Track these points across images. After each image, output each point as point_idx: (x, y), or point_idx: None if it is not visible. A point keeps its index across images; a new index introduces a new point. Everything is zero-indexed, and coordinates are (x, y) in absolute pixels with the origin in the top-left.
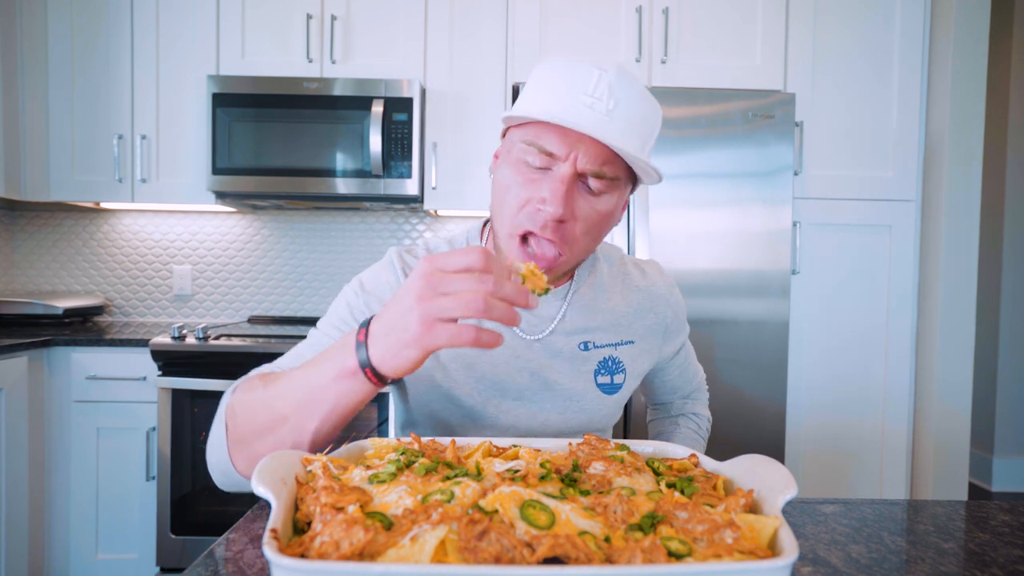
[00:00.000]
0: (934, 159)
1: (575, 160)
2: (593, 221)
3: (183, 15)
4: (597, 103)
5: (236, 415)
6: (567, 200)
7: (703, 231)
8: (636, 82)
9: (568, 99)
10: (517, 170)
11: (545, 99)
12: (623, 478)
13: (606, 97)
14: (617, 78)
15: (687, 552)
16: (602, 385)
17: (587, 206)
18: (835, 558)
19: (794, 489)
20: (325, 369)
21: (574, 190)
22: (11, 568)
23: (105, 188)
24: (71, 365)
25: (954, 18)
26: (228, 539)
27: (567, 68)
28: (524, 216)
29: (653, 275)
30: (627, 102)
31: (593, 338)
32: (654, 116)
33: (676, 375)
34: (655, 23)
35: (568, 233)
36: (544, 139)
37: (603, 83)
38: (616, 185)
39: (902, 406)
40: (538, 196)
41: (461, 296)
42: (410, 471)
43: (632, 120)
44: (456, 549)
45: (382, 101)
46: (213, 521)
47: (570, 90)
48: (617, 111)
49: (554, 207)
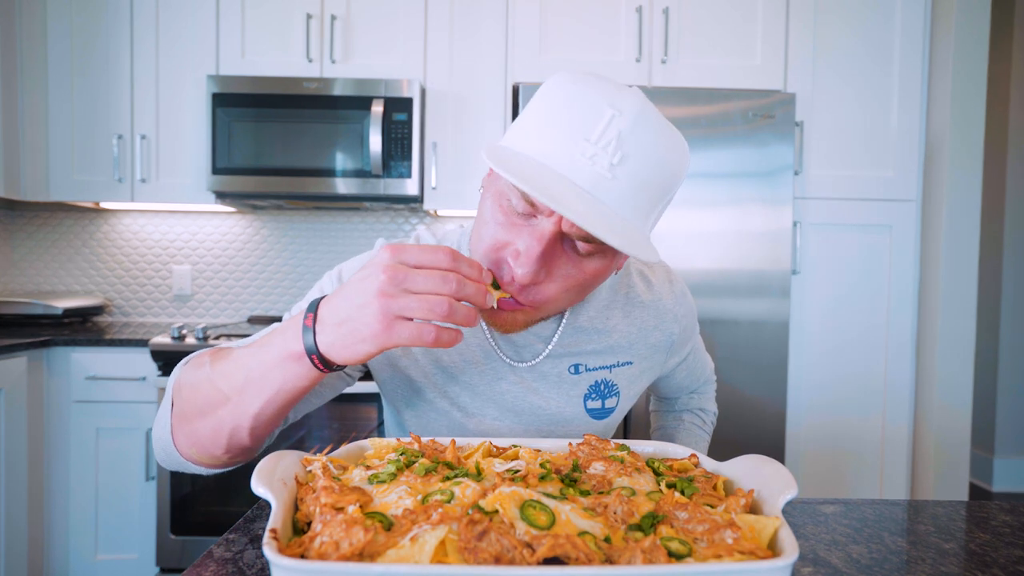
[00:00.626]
0: (935, 159)
1: (560, 220)
2: (575, 281)
3: (183, 15)
4: (600, 155)
5: (181, 391)
6: (541, 263)
7: (703, 231)
8: (659, 127)
9: (565, 145)
10: (498, 206)
11: (538, 140)
12: (623, 478)
13: (612, 149)
14: (633, 124)
15: (687, 552)
16: (592, 410)
17: (570, 267)
18: (835, 558)
19: (794, 489)
20: (271, 351)
21: (554, 250)
22: (11, 568)
23: (105, 188)
24: (71, 365)
25: (955, 18)
26: (228, 539)
27: (576, 99)
28: (495, 262)
29: (660, 286)
30: (638, 156)
31: (586, 361)
32: (671, 175)
33: (683, 376)
34: (655, 23)
35: (539, 295)
36: None
37: (612, 129)
38: (607, 249)
39: (903, 406)
40: (512, 247)
41: (425, 299)
42: (410, 471)
43: (640, 181)
44: (456, 549)
45: (382, 101)
46: (213, 521)
47: (572, 132)
48: (622, 168)
49: (523, 269)
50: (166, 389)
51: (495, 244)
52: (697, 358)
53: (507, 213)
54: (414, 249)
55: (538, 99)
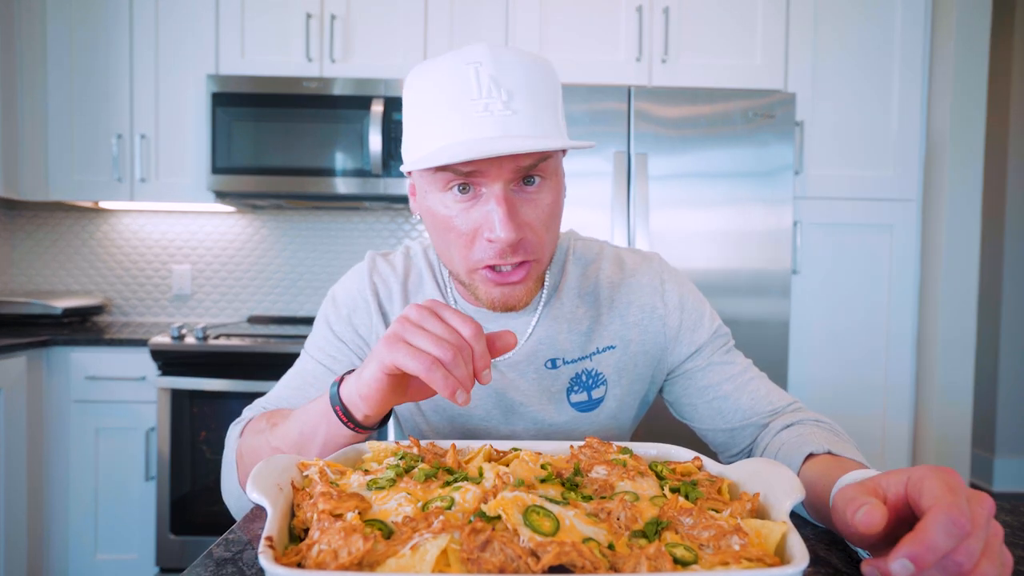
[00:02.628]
0: (935, 158)
1: (503, 172)
2: (548, 215)
3: (182, 14)
4: (491, 103)
5: (244, 458)
6: (513, 219)
7: (703, 231)
8: (517, 57)
9: (460, 114)
10: (446, 205)
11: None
12: (626, 482)
13: (494, 89)
14: (496, 64)
15: (693, 559)
16: (577, 404)
17: (536, 206)
18: (836, 558)
19: (801, 492)
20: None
21: (514, 203)
22: (10, 568)
23: (104, 188)
24: (70, 365)
25: (955, 17)
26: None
27: (442, 76)
28: (479, 252)
29: (634, 266)
30: (520, 85)
31: (562, 354)
32: (551, 78)
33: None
34: (655, 23)
35: (530, 245)
36: (460, 167)
37: (484, 78)
38: (551, 168)
39: (903, 406)
40: (482, 228)
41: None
42: (409, 477)
43: (534, 99)
44: (459, 560)
45: (382, 100)
46: (212, 521)
47: (457, 101)
48: (516, 101)
49: (505, 233)
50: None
51: (468, 236)
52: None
53: (458, 204)
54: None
55: (408, 105)
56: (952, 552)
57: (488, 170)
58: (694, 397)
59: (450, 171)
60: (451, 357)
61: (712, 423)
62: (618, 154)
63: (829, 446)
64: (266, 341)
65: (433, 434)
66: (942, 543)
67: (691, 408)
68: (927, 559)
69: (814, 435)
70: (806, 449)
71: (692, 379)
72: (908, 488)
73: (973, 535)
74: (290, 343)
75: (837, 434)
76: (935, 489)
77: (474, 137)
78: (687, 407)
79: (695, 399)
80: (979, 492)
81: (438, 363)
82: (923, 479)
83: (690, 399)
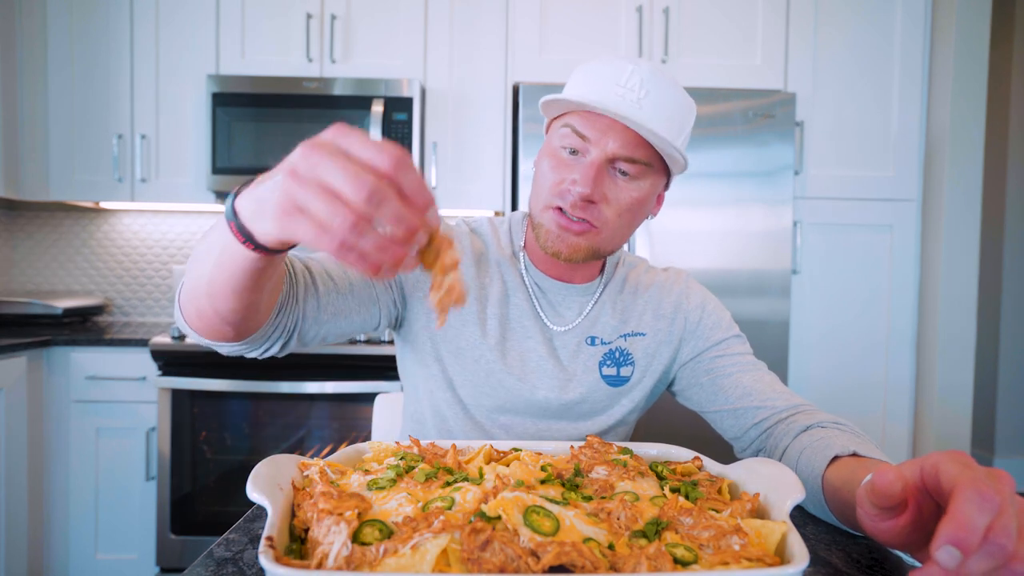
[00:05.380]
0: (935, 159)
1: (606, 144)
2: (624, 205)
3: (183, 15)
4: (628, 93)
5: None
6: (596, 181)
7: (703, 231)
8: (670, 79)
9: (602, 89)
10: (553, 156)
11: (581, 89)
12: (626, 483)
13: (637, 88)
14: (651, 72)
15: (693, 559)
16: (607, 377)
17: (618, 190)
18: (836, 558)
19: (801, 492)
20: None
21: (604, 173)
22: (11, 568)
23: (105, 188)
24: (70, 365)
25: (955, 17)
26: (228, 539)
27: (604, 63)
28: (555, 195)
29: (667, 275)
30: (658, 93)
31: (601, 334)
32: (686, 107)
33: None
34: (655, 23)
35: (598, 213)
36: (577, 123)
37: (636, 76)
38: (647, 172)
39: (903, 406)
40: (569, 177)
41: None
42: (410, 477)
43: (662, 108)
44: (459, 560)
45: (382, 101)
46: (213, 521)
47: (604, 82)
48: (647, 100)
49: (583, 186)
50: None
51: (555, 184)
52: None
53: (561, 158)
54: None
55: (577, 71)
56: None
57: (596, 139)
58: (701, 376)
59: (570, 127)
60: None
61: (717, 402)
62: None
63: (854, 447)
64: None
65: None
66: (978, 520)
67: (697, 388)
68: (969, 540)
69: (837, 437)
70: (830, 452)
71: (701, 364)
72: (924, 474)
73: (1005, 511)
74: None
75: (857, 435)
76: (951, 469)
77: (601, 103)
78: (693, 388)
79: (702, 378)
80: (994, 468)
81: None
82: (937, 463)
83: (697, 379)
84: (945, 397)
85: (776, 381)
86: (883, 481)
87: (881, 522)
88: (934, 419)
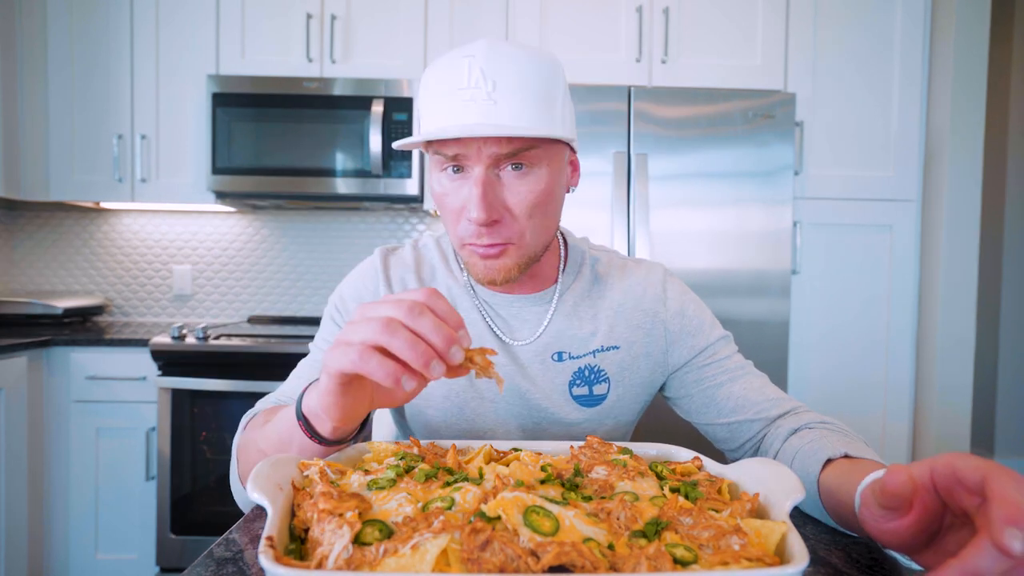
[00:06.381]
0: (935, 159)
1: (480, 155)
2: (529, 203)
3: (183, 15)
4: (475, 93)
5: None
6: (486, 201)
7: (703, 231)
8: (512, 49)
9: (449, 102)
10: (441, 184)
11: (431, 112)
12: (626, 482)
13: (482, 82)
14: (487, 56)
15: (693, 559)
16: (578, 397)
17: (517, 192)
18: (836, 558)
19: (801, 492)
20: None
21: (493, 184)
22: (11, 568)
23: (105, 188)
24: (70, 365)
25: (955, 17)
26: (228, 539)
27: (441, 69)
28: (462, 229)
29: (640, 274)
30: (507, 76)
31: (568, 348)
32: (547, 73)
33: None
34: (655, 23)
35: (508, 228)
36: (446, 148)
37: (475, 70)
38: (535, 157)
39: (902, 406)
40: (464, 205)
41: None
42: (410, 477)
43: (520, 90)
44: (459, 559)
45: (382, 101)
46: (213, 521)
47: (448, 91)
48: (498, 91)
49: (476, 213)
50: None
51: (455, 214)
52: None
53: (449, 182)
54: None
55: (421, 90)
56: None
57: (470, 154)
58: (691, 387)
59: (440, 155)
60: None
61: (709, 415)
62: (618, 154)
63: (845, 449)
64: (266, 341)
65: (441, 423)
66: None
67: (688, 399)
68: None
69: (827, 439)
70: (823, 455)
71: (690, 374)
72: (935, 474)
73: None
74: (290, 343)
75: (846, 434)
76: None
77: (456, 123)
78: (684, 399)
79: (691, 389)
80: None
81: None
82: (951, 462)
83: (687, 390)
84: (945, 397)
85: (766, 383)
86: (895, 482)
87: (885, 523)
88: (934, 419)
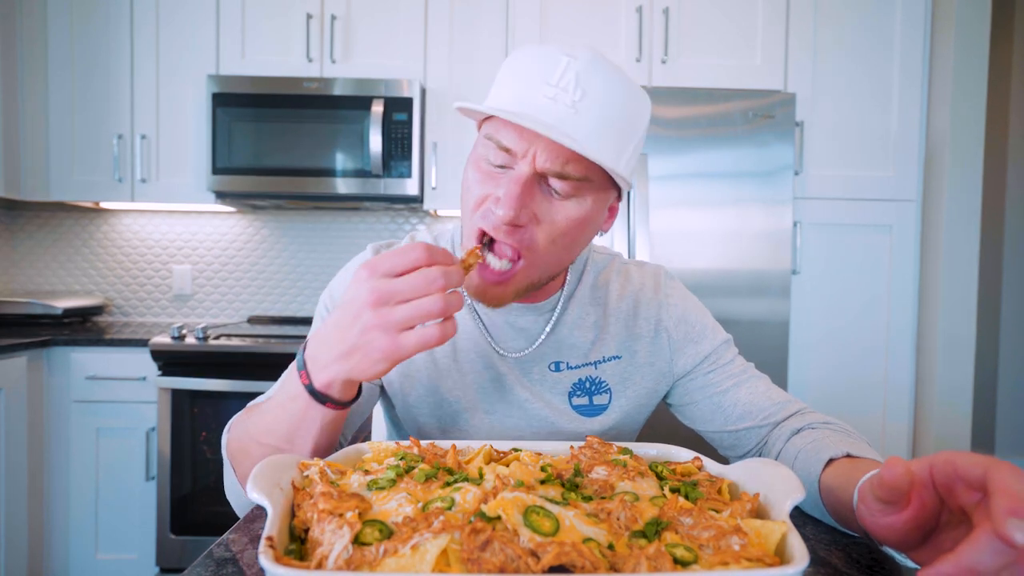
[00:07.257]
0: (935, 159)
1: (533, 158)
2: (559, 228)
3: (183, 15)
4: (561, 94)
5: (235, 457)
6: (520, 202)
7: (703, 231)
8: (614, 71)
9: (529, 91)
10: (477, 167)
11: (507, 91)
12: (626, 483)
13: (572, 87)
14: (588, 65)
15: (693, 559)
16: (579, 407)
17: (550, 210)
18: (836, 558)
19: (801, 492)
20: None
21: (532, 191)
22: (11, 568)
23: (105, 188)
24: (70, 365)
25: (955, 17)
26: (228, 539)
27: (535, 55)
28: (480, 216)
29: (640, 278)
30: (597, 93)
31: (568, 358)
32: (635, 110)
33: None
34: (655, 23)
35: (527, 238)
36: (502, 134)
37: (570, 71)
38: (586, 188)
39: (903, 406)
40: (494, 195)
41: (419, 303)
42: (410, 477)
43: (604, 115)
44: (459, 560)
45: (382, 101)
46: (213, 521)
47: (534, 80)
48: (584, 103)
49: (504, 209)
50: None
51: (478, 199)
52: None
53: (486, 171)
54: (388, 258)
55: (505, 65)
56: None
57: (523, 153)
58: (695, 394)
59: (492, 140)
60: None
61: (714, 422)
62: None
63: (846, 448)
64: (266, 341)
65: (436, 431)
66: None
67: (693, 407)
68: None
69: (828, 439)
70: (824, 455)
71: (695, 380)
72: (934, 469)
73: None
74: (290, 343)
75: (849, 434)
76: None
77: (528, 112)
78: (689, 406)
79: (696, 396)
80: None
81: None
82: (950, 458)
83: (691, 397)
84: (945, 397)
85: (769, 386)
86: (892, 474)
87: (882, 518)
88: (934, 419)
